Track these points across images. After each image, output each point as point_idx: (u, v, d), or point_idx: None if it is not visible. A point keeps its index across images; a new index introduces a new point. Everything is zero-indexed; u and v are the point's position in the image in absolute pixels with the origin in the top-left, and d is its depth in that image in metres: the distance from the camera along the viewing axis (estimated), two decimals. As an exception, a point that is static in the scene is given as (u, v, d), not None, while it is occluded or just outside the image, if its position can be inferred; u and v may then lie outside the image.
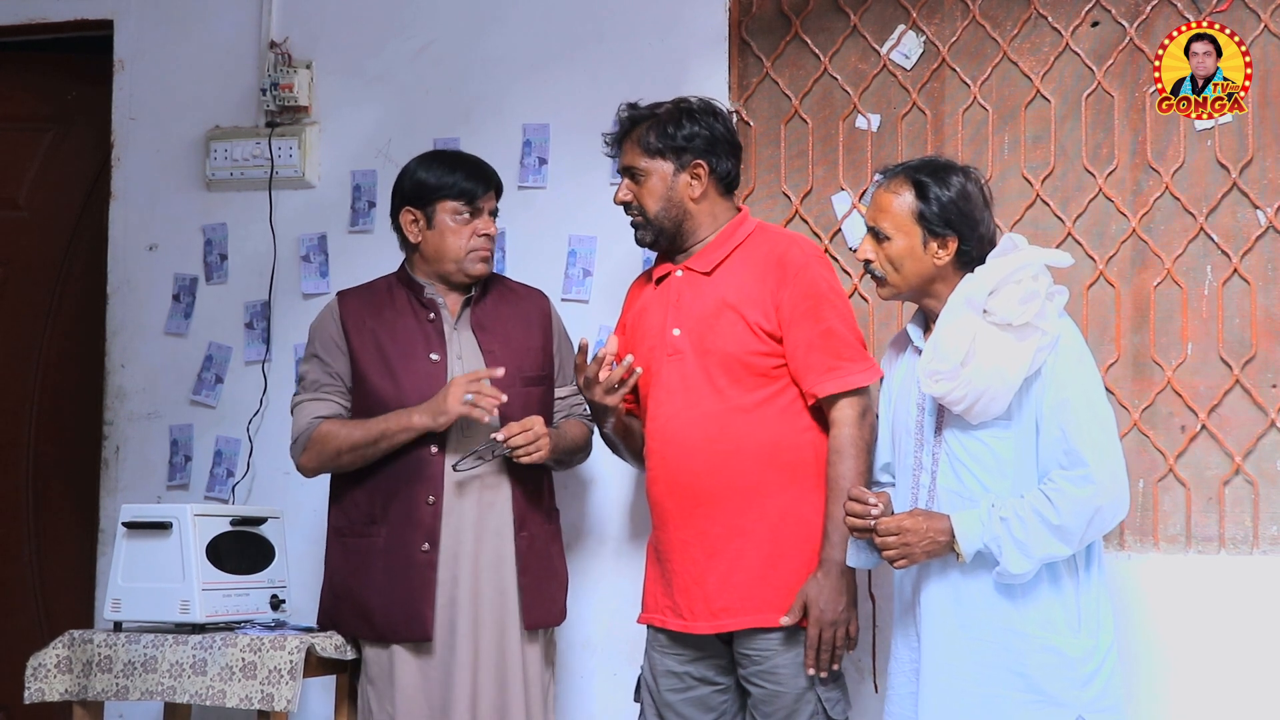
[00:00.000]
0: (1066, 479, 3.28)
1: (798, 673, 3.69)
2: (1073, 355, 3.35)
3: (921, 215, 3.42)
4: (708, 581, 3.74)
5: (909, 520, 3.36)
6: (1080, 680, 3.31)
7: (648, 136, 3.84)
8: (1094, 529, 3.31)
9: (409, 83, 4.76)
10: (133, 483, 4.89)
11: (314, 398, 4.03)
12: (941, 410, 3.42)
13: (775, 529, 3.73)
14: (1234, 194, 4.08)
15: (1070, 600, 3.34)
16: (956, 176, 3.45)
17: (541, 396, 4.05)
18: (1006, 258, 3.35)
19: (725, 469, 3.74)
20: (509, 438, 3.83)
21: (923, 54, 4.35)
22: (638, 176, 3.85)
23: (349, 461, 3.96)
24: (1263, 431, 4.02)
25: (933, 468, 3.44)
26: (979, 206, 3.45)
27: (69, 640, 4.08)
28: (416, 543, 3.90)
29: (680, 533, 3.78)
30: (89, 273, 5.12)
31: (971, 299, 3.32)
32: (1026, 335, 3.29)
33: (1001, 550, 3.28)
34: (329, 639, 4.00)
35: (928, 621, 3.43)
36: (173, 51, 4.98)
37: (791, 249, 3.82)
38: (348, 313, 4.05)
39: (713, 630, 3.74)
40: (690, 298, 3.83)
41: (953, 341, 3.31)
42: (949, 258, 3.42)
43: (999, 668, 3.33)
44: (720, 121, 3.88)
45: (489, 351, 3.99)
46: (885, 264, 3.47)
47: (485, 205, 4.01)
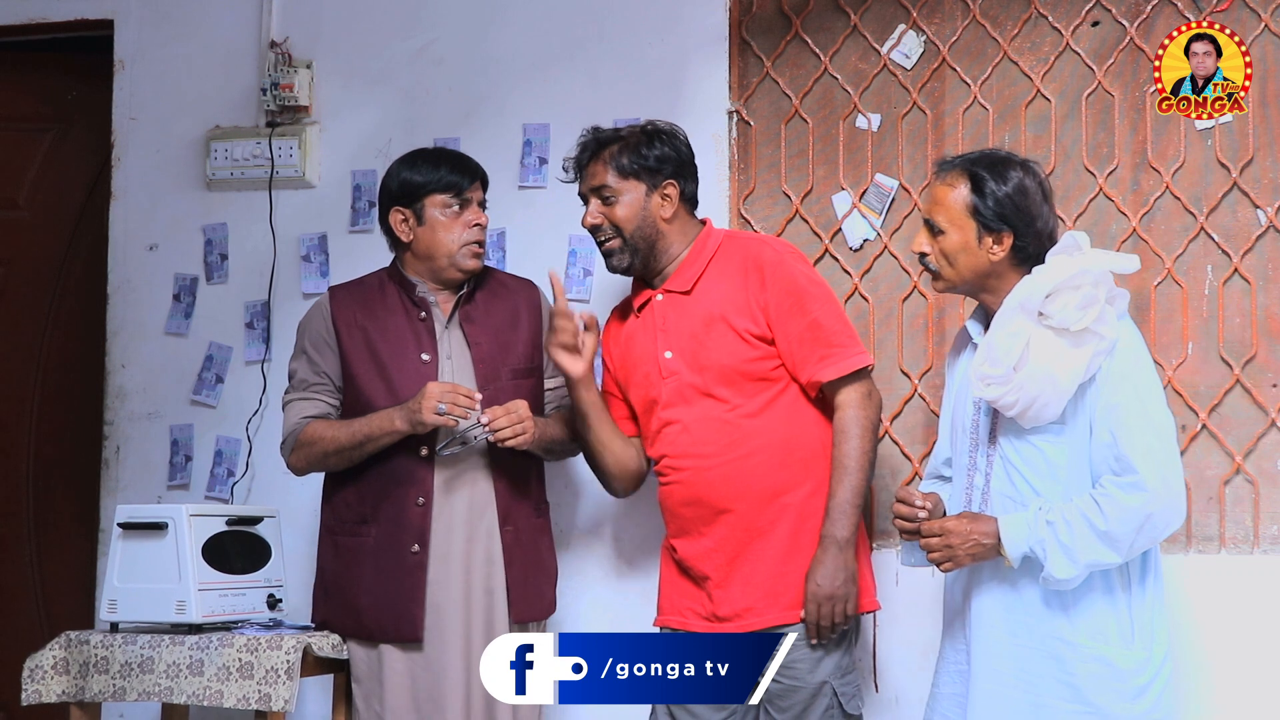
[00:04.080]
0: (1116, 485, 3.23)
1: (814, 667, 3.71)
2: (1129, 360, 3.28)
3: (976, 210, 3.36)
4: (731, 584, 3.77)
5: (953, 523, 3.33)
6: (1131, 693, 3.26)
7: (620, 158, 3.86)
8: (1144, 537, 3.24)
9: (409, 83, 4.76)
10: (133, 483, 4.89)
11: (302, 397, 4.04)
12: (996, 413, 3.38)
13: (794, 528, 3.75)
14: (1234, 194, 4.07)
15: (1123, 610, 3.29)
16: (1014, 170, 3.39)
17: (531, 389, 4.04)
18: (1066, 261, 3.29)
19: (741, 475, 3.76)
20: (492, 420, 3.83)
21: (923, 53, 4.35)
22: (608, 198, 3.86)
23: (336, 463, 3.98)
24: (1263, 431, 4.01)
25: (987, 470, 3.39)
26: (1037, 202, 3.38)
27: (65, 641, 4.08)
28: (406, 544, 3.90)
29: (701, 541, 3.81)
30: (89, 273, 5.12)
31: (1026, 304, 3.26)
32: (1084, 341, 3.24)
33: (1047, 554, 3.23)
34: (326, 639, 4.00)
35: (978, 629, 3.39)
36: (173, 51, 4.97)
37: (764, 250, 3.83)
38: (338, 310, 4.05)
39: (738, 630, 3.75)
40: (675, 319, 3.85)
41: (1005, 345, 3.26)
42: (1004, 253, 3.36)
43: (1048, 677, 3.29)
44: (684, 144, 3.94)
45: (476, 344, 3.99)
46: (940, 258, 3.42)
47: (473, 195, 4.01)
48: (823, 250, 4.37)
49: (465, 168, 4.03)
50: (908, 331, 4.29)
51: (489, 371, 3.96)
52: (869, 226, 4.34)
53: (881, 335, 4.30)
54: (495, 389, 3.94)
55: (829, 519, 3.70)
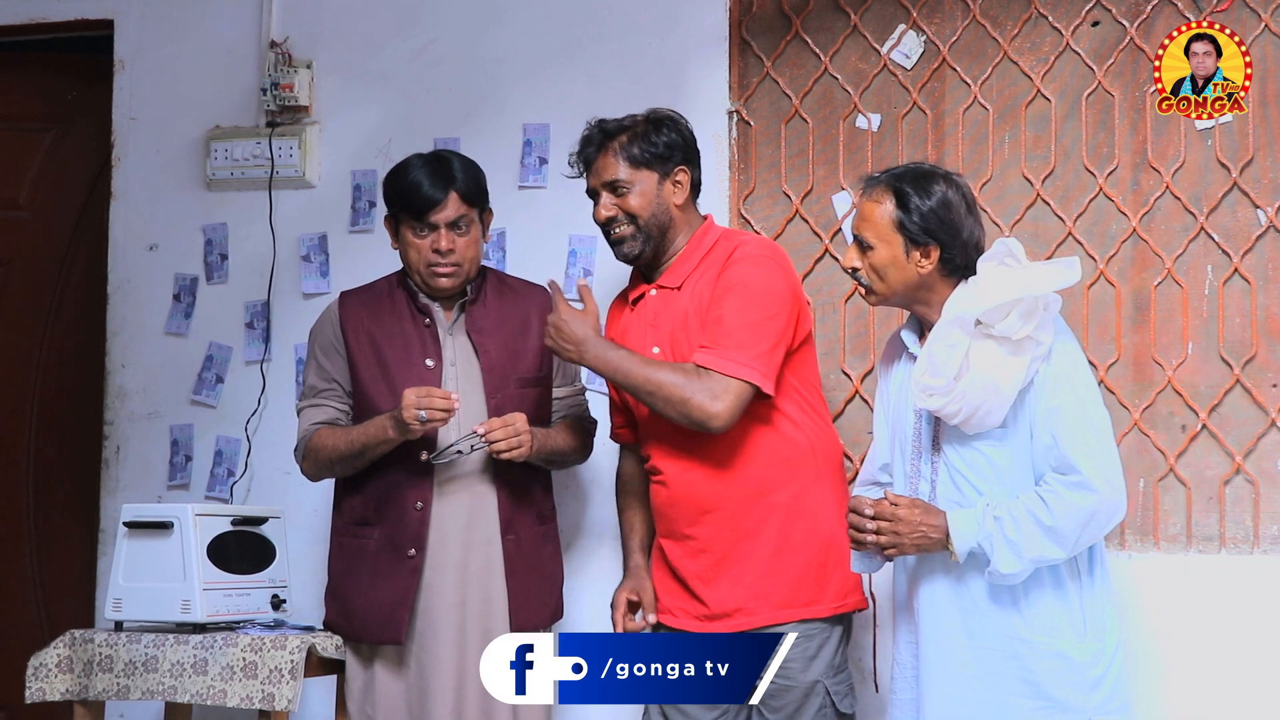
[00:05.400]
0: (1061, 483, 3.27)
1: (806, 667, 3.71)
2: (1065, 362, 3.32)
3: (902, 224, 3.37)
4: (720, 584, 3.76)
5: (904, 510, 3.34)
6: (1088, 684, 3.29)
7: (630, 148, 3.82)
8: (1089, 533, 3.29)
9: (409, 83, 4.76)
10: (133, 483, 4.89)
11: (312, 404, 4.05)
12: (938, 421, 3.41)
13: (783, 527, 3.74)
14: (1234, 194, 4.08)
15: (1074, 604, 3.33)
16: (938, 184, 3.39)
17: (537, 398, 4.03)
18: (999, 271, 3.31)
19: (726, 475, 3.75)
20: (488, 432, 3.83)
21: (923, 53, 4.35)
22: (620, 188, 3.83)
23: (342, 470, 3.99)
24: (1263, 431, 4.02)
25: (932, 477, 3.42)
26: (961, 214, 3.38)
27: (70, 640, 4.08)
28: (404, 547, 3.91)
29: (690, 543, 3.80)
30: (89, 273, 5.12)
31: (961, 318, 3.29)
32: (1023, 349, 3.27)
33: (994, 549, 3.27)
34: (329, 639, 4.01)
35: (926, 625, 3.42)
36: (173, 51, 4.97)
37: (740, 249, 3.80)
38: (347, 316, 4.05)
39: (728, 630, 3.75)
40: (665, 315, 3.84)
41: (945, 356, 3.28)
42: (932, 266, 3.38)
43: (1005, 675, 3.31)
44: (688, 129, 3.91)
45: (485, 352, 3.99)
46: (870, 273, 3.43)
47: (440, 219, 3.92)
48: (823, 250, 4.38)
49: (428, 196, 3.91)
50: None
51: (496, 380, 3.96)
52: (869, 226, 4.34)
53: (881, 335, 4.31)
54: (502, 397, 3.94)
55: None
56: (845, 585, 3.77)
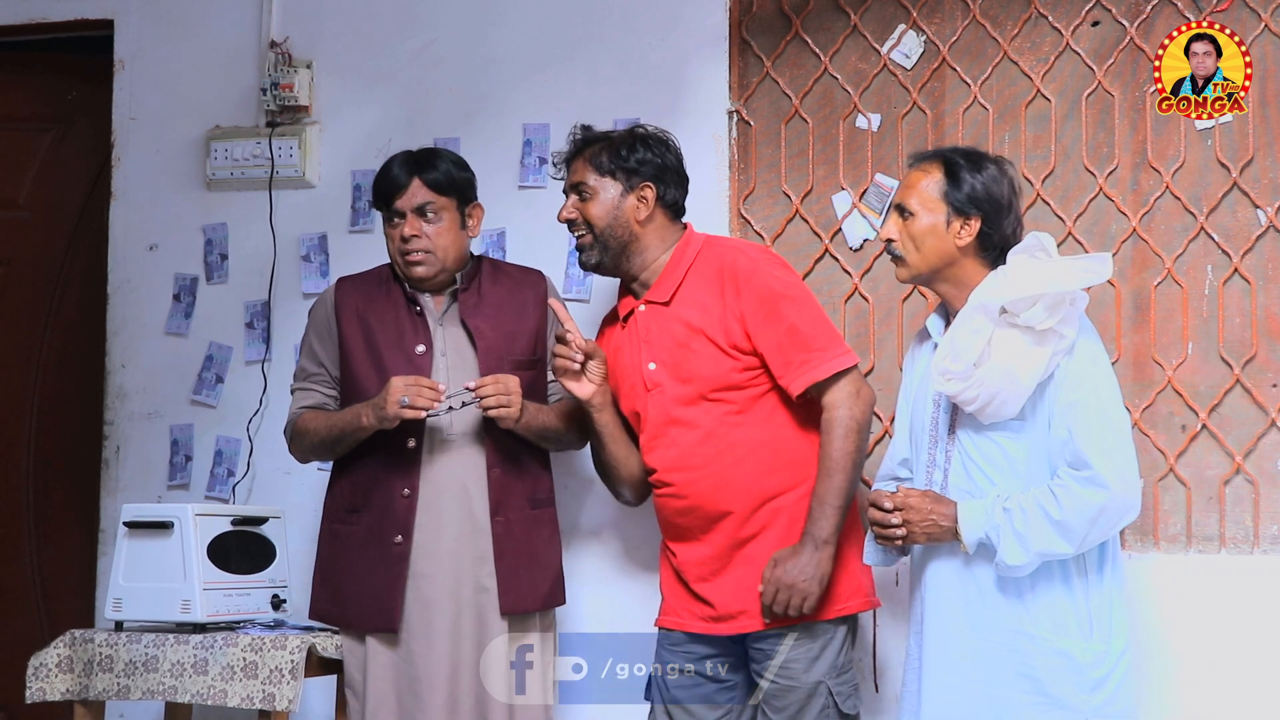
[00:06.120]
0: (1074, 478, 3.28)
1: (809, 667, 3.72)
2: (1088, 358, 3.33)
3: (948, 193, 3.43)
4: (725, 587, 3.78)
5: (915, 499, 3.38)
6: (1089, 685, 3.29)
7: (600, 156, 3.88)
8: (1098, 530, 3.29)
9: (409, 83, 4.76)
10: (133, 483, 4.89)
11: (301, 387, 4.09)
12: (955, 409, 3.42)
13: (787, 531, 3.76)
14: (1234, 194, 4.08)
15: (1081, 603, 3.33)
16: (989, 163, 3.48)
17: (532, 380, 4.04)
18: (1029, 263, 3.33)
19: (732, 483, 3.77)
20: (479, 387, 3.84)
21: (923, 53, 4.35)
22: (584, 193, 3.88)
23: (324, 455, 4.04)
24: (1263, 431, 4.02)
25: (945, 465, 3.44)
26: (1006, 192, 3.45)
27: (70, 640, 4.08)
28: (391, 534, 3.92)
29: (696, 549, 3.83)
30: (89, 273, 5.12)
31: (986, 305, 3.31)
32: (1045, 340, 3.29)
33: (1000, 540, 3.28)
34: (330, 639, 4.01)
35: (930, 612, 3.44)
36: (173, 51, 4.97)
37: (738, 258, 3.84)
38: (342, 300, 4.08)
39: (734, 632, 3.78)
40: (657, 330, 3.86)
41: (967, 342, 3.30)
42: (970, 238, 3.42)
43: (1006, 668, 3.32)
44: (671, 152, 3.93)
45: (481, 336, 4.00)
46: (906, 241, 3.46)
47: (403, 204, 3.97)
48: (823, 250, 4.38)
49: (392, 180, 3.98)
50: (908, 331, 4.29)
51: (492, 362, 3.97)
52: (869, 226, 4.35)
53: (881, 335, 4.31)
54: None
55: (810, 517, 3.70)
56: (850, 587, 3.78)
